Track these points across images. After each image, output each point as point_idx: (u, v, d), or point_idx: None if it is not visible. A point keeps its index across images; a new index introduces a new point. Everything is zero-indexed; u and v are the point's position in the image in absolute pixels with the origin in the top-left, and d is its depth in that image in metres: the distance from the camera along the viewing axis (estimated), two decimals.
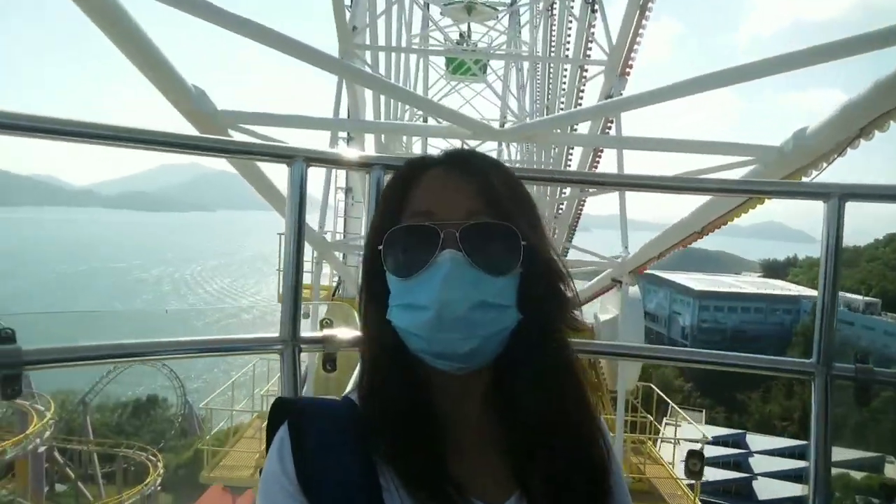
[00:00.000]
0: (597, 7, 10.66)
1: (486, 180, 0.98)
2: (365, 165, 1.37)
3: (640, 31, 9.19)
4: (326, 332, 1.38)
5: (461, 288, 0.91)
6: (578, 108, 11.08)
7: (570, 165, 12.28)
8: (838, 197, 1.37)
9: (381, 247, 0.97)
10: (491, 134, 6.33)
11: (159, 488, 27.42)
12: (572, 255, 10.86)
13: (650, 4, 8.79)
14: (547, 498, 0.97)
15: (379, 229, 0.99)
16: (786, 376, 1.54)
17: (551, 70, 14.11)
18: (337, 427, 0.97)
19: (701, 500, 10.32)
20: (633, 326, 9.87)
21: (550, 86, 14.21)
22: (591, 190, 10.41)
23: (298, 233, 1.34)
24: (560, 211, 12.38)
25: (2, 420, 28.40)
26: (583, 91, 12.12)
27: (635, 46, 9.38)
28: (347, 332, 1.40)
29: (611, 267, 8.93)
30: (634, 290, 9.58)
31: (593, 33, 11.15)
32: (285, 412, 1.00)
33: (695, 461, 9.67)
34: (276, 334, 1.38)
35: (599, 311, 12.22)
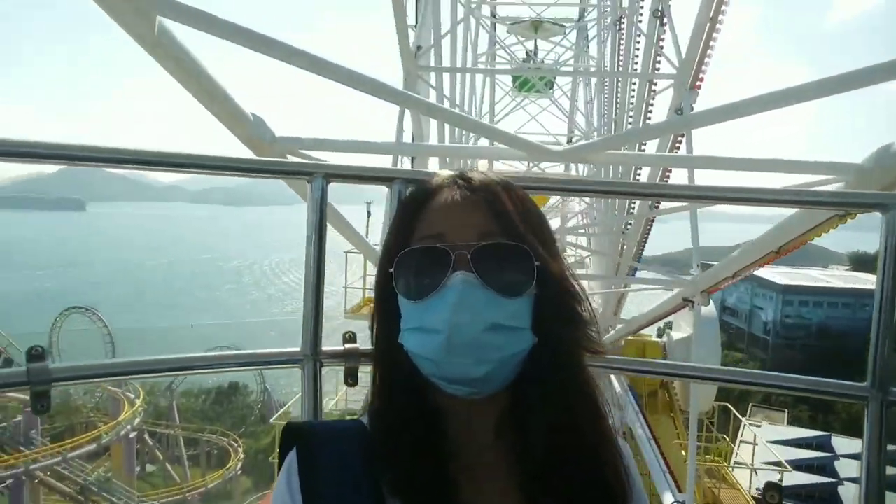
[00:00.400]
0: (665, 20, 10.46)
1: (497, 200, 0.97)
2: (385, 180, 1.38)
3: (712, 42, 8.95)
4: (348, 346, 1.37)
5: (473, 310, 0.90)
6: (638, 126, 10.88)
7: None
8: None
9: (392, 269, 0.97)
10: (546, 155, 6.29)
11: (240, 472, 28.72)
12: (641, 274, 10.59)
13: (721, 17, 8.55)
14: None
15: (390, 251, 0.99)
16: (838, 400, 1.45)
17: (619, 85, 13.92)
18: (346, 455, 0.97)
19: None
20: (708, 347, 9.54)
21: (618, 100, 14.00)
22: (658, 207, 10.17)
23: (319, 249, 1.36)
24: (628, 227, 12.10)
25: (98, 403, 31.38)
26: (652, 105, 11.88)
27: (706, 59, 9.13)
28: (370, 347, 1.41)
29: (681, 286, 8.65)
30: (709, 309, 9.24)
31: (662, 47, 10.94)
32: (295, 437, 1.00)
33: (773, 493, 9.16)
34: (298, 348, 1.39)
35: (673, 330, 11.86)
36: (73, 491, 23.32)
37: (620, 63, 14.15)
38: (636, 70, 12.33)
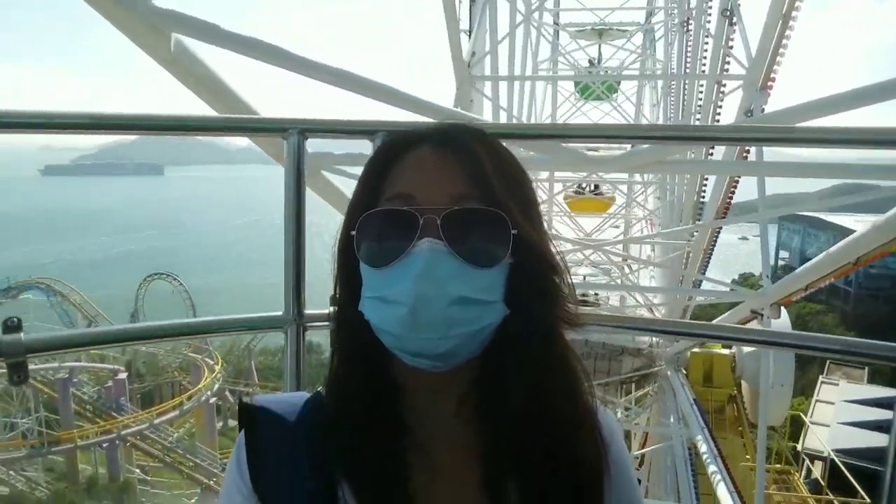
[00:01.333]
0: (735, 20, 10.18)
1: (474, 159, 0.89)
2: (367, 132, 1.35)
3: (784, 40, 8.64)
4: (334, 308, 1.42)
5: (440, 281, 0.83)
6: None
7: (704, 193, 11.65)
8: None
9: (354, 232, 0.90)
10: (601, 165, 6.13)
11: None
12: (706, 285, 10.25)
13: (794, 13, 8.26)
14: None
15: (354, 211, 0.92)
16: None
17: (686, 87, 13.61)
18: (296, 431, 0.93)
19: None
20: (782, 364, 9.11)
21: (685, 103, 13.69)
22: (725, 216, 9.86)
23: (298, 208, 1.36)
24: (693, 236, 11.75)
25: (182, 363, 33.84)
26: (720, 107, 11.55)
27: (778, 58, 8.83)
28: None
29: (749, 297, 8.34)
30: (783, 322, 8.85)
31: (731, 47, 10.65)
32: (247, 415, 0.97)
33: None
34: (280, 313, 1.40)
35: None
36: (160, 452, 25.86)
37: (688, 65, 13.85)
38: (704, 72, 12.03)
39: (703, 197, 11.40)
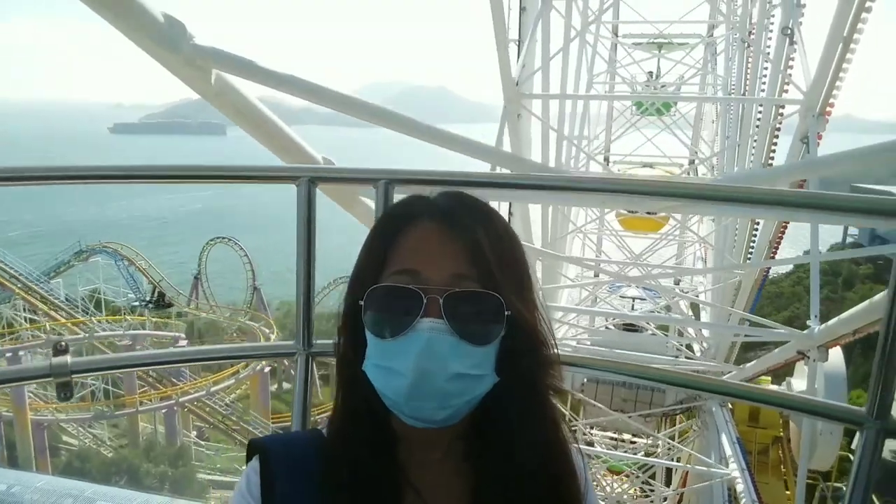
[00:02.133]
0: (795, 39, 9.98)
1: (474, 241, 0.98)
2: (370, 181, 1.47)
3: (844, 64, 8.41)
4: (339, 339, 1.52)
5: (439, 359, 0.93)
6: (760, 157, 10.32)
7: (756, 233, 11.47)
8: None
9: (361, 302, 1.00)
10: (645, 204, 6.12)
11: None
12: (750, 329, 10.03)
13: (856, 35, 8.05)
14: None
15: (361, 281, 1.02)
16: (835, 423, 1.39)
17: (744, 107, 13.41)
18: (305, 472, 1.04)
19: None
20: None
21: (743, 123, 13.48)
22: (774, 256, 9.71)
23: (308, 249, 1.50)
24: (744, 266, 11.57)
25: (241, 327, 35.07)
26: (779, 129, 11.36)
27: (837, 83, 8.63)
28: None
29: (795, 338, 8.15)
30: (835, 364, 8.61)
31: (791, 66, 10.46)
32: (258, 451, 1.07)
33: None
34: (292, 342, 1.55)
35: (795, 377, 11.16)
36: (216, 419, 27.35)
37: (747, 84, 13.63)
38: (762, 94, 11.84)
39: (757, 227, 11.23)
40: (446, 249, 0.98)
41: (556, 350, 1.06)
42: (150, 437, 29.25)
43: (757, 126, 11.93)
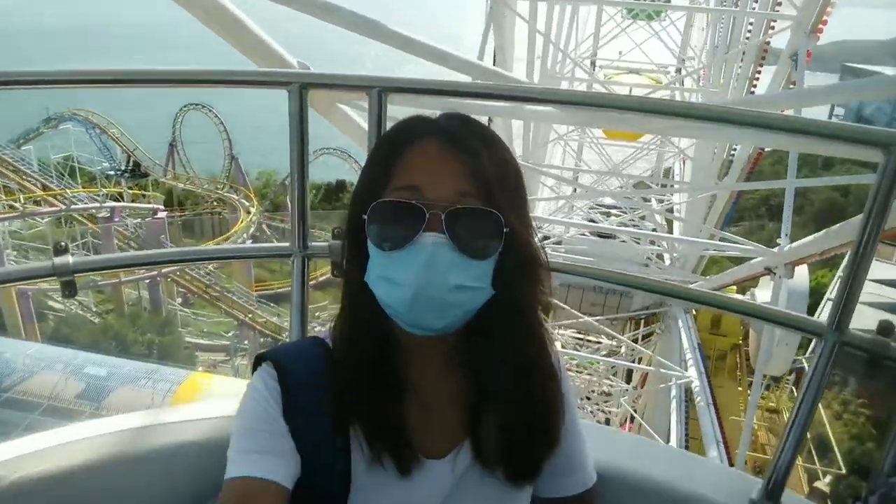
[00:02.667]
0: None
1: (477, 161, 1.02)
2: (363, 88, 1.45)
3: None
4: (333, 241, 1.54)
5: (441, 271, 0.98)
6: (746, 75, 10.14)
7: (735, 149, 11.47)
8: None
9: (365, 216, 1.03)
10: (633, 124, 6.05)
11: None
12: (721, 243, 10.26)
13: None
14: (497, 444, 1.11)
15: (364, 196, 1.05)
16: (797, 333, 1.48)
17: (735, 18, 13.11)
18: (316, 377, 1.10)
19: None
20: None
21: (732, 36, 13.23)
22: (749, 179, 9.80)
23: (302, 155, 1.50)
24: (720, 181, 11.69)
25: (223, 196, 34.53)
26: (768, 44, 11.20)
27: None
28: None
29: (765, 255, 8.41)
30: (799, 283, 8.94)
31: None
32: (269, 360, 1.13)
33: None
34: (288, 244, 1.58)
35: (759, 289, 11.60)
36: (199, 288, 27.00)
37: None
38: (755, 6, 11.56)
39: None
40: (449, 168, 1.01)
41: (547, 269, 1.12)
42: (135, 306, 29.18)
43: (747, 40, 11.75)
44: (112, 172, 32.47)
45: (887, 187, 1.17)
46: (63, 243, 1.43)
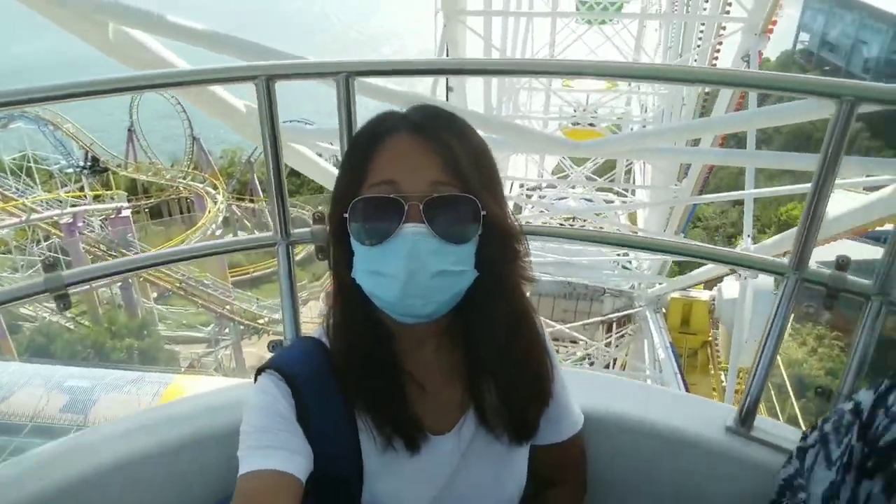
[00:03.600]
0: None
1: (449, 151, 1.04)
2: (331, 74, 1.48)
3: None
4: (315, 227, 1.60)
5: (423, 259, 1.02)
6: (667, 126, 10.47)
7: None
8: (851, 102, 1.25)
9: (346, 214, 1.06)
10: (575, 150, 6.23)
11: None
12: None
13: None
14: (498, 410, 1.18)
15: (343, 196, 1.08)
16: (759, 271, 1.57)
17: (687, 23, 13.47)
18: (318, 376, 1.15)
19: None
20: (760, 313, 9.44)
21: (685, 40, 13.58)
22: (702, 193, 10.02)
23: (275, 145, 1.53)
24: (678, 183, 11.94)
25: (187, 176, 33.37)
26: (719, 49, 11.53)
27: (781, 1, 8.75)
28: None
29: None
30: (762, 281, 9.13)
31: None
32: (279, 372, 1.14)
33: None
34: (271, 234, 1.61)
35: (725, 284, 11.81)
36: (173, 285, 26.52)
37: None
38: (706, 10, 11.87)
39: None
40: (423, 159, 1.04)
41: (525, 244, 1.16)
42: (109, 307, 28.46)
43: (699, 44, 12.07)
44: (70, 170, 31.41)
45: (840, 132, 1.26)
46: (51, 257, 1.49)
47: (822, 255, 1.45)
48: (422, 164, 1.04)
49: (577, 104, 17.31)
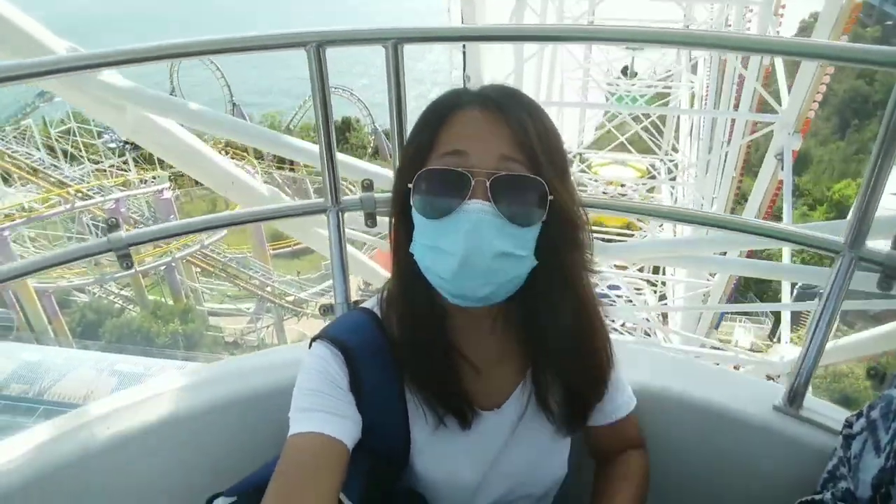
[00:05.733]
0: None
1: (521, 128, 1.03)
2: (381, 40, 1.49)
3: (822, 84, 8.20)
4: (364, 194, 1.64)
5: (486, 239, 1.00)
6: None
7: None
8: None
9: (410, 185, 1.05)
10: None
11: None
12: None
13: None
14: (550, 396, 1.19)
15: (410, 165, 1.07)
16: (813, 248, 1.51)
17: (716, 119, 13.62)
18: (372, 348, 1.16)
19: None
20: None
21: (714, 130, 13.73)
22: None
23: (325, 113, 1.56)
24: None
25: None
26: (751, 143, 11.62)
27: (815, 99, 8.45)
28: (383, 194, 1.63)
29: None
30: None
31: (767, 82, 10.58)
32: (337, 343, 1.16)
33: None
34: (322, 200, 1.65)
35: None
36: (217, 268, 27.00)
37: (722, 89, 13.79)
38: (736, 107, 11.98)
39: None
40: (493, 133, 1.02)
41: (590, 235, 1.14)
42: (156, 287, 29.23)
43: (729, 138, 12.18)
44: (114, 144, 32.01)
45: None
46: (114, 219, 1.51)
47: None
48: (492, 137, 1.02)
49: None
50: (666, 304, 15.64)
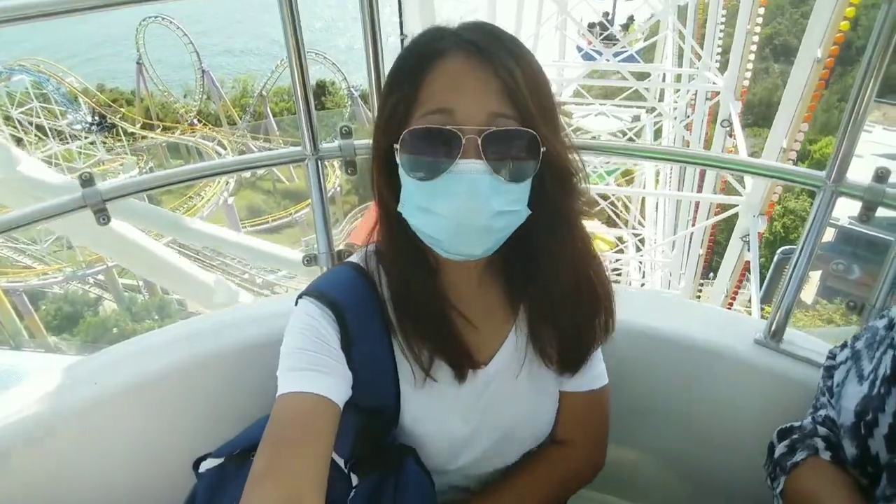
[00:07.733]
0: (734, 132, 10.23)
1: (510, 75, 0.97)
2: None
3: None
4: (343, 141, 1.61)
5: (480, 198, 0.97)
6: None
7: None
8: None
9: (396, 145, 1.01)
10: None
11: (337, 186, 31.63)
12: None
13: (796, 144, 8.02)
14: (555, 334, 1.19)
15: (393, 122, 1.02)
16: (796, 185, 1.53)
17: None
18: (361, 303, 1.15)
19: None
20: None
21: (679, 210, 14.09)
22: None
23: (299, 55, 1.54)
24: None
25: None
26: (715, 225, 11.90)
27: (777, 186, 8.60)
28: (362, 139, 1.62)
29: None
30: None
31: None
32: (325, 300, 1.14)
33: None
34: (300, 148, 1.64)
35: None
36: (190, 255, 25.59)
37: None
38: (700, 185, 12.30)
39: None
40: (481, 86, 0.97)
41: (585, 179, 1.11)
42: (130, 296, 28.98)
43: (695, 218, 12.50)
44: (79, 126, 31.29)
45: (886, 36, 1.20)
46: (87, 173, 1.45)
47: None
48: (480, 91, 0.97)
49: None
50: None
